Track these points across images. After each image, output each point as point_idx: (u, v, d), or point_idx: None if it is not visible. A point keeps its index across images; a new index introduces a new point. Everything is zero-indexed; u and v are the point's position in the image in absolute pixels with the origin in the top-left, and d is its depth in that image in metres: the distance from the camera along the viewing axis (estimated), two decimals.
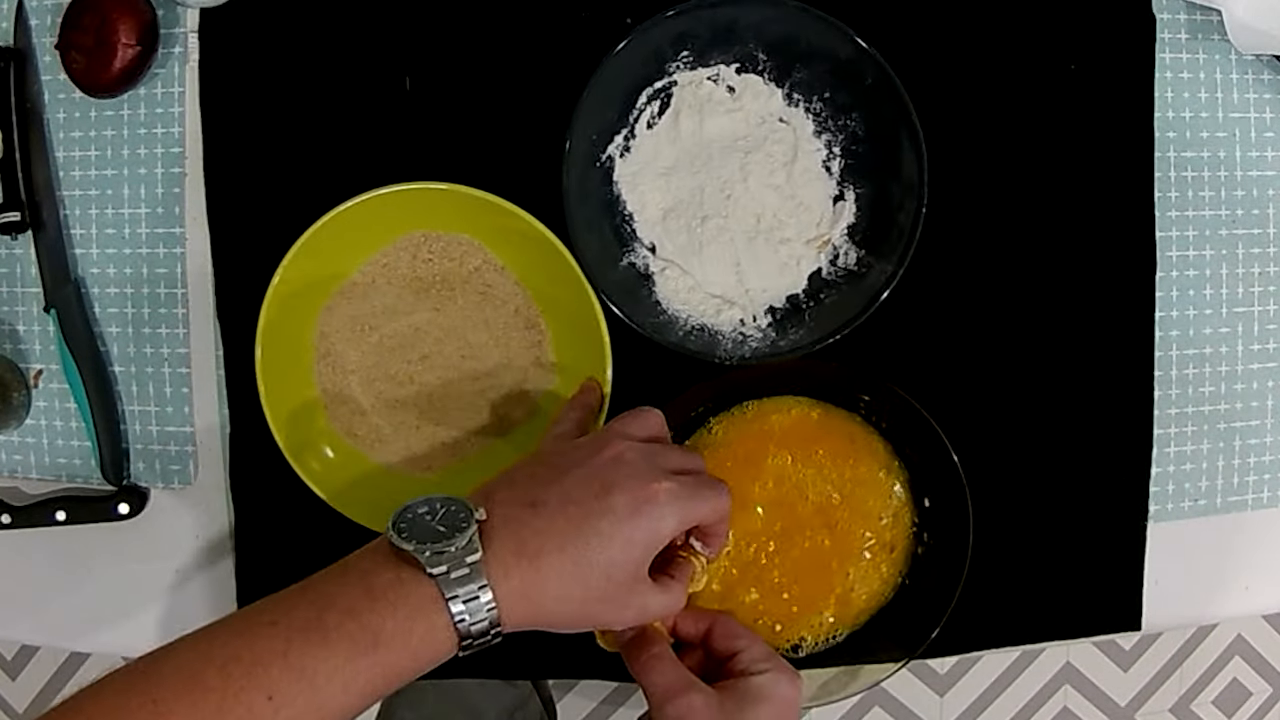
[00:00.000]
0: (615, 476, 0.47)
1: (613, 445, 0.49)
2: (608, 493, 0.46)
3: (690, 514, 0.48)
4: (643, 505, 0.47)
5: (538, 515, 0.46)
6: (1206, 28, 0.65)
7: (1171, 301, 0.65)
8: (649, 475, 0.47)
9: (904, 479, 0.62)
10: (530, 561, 0.45)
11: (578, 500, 0.46)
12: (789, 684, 0.51)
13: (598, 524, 0.46)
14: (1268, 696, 1.53)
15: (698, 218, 0.62)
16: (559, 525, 0.46)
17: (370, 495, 0.60)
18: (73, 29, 0.61)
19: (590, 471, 0.47)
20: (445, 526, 0.44)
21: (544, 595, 0.45)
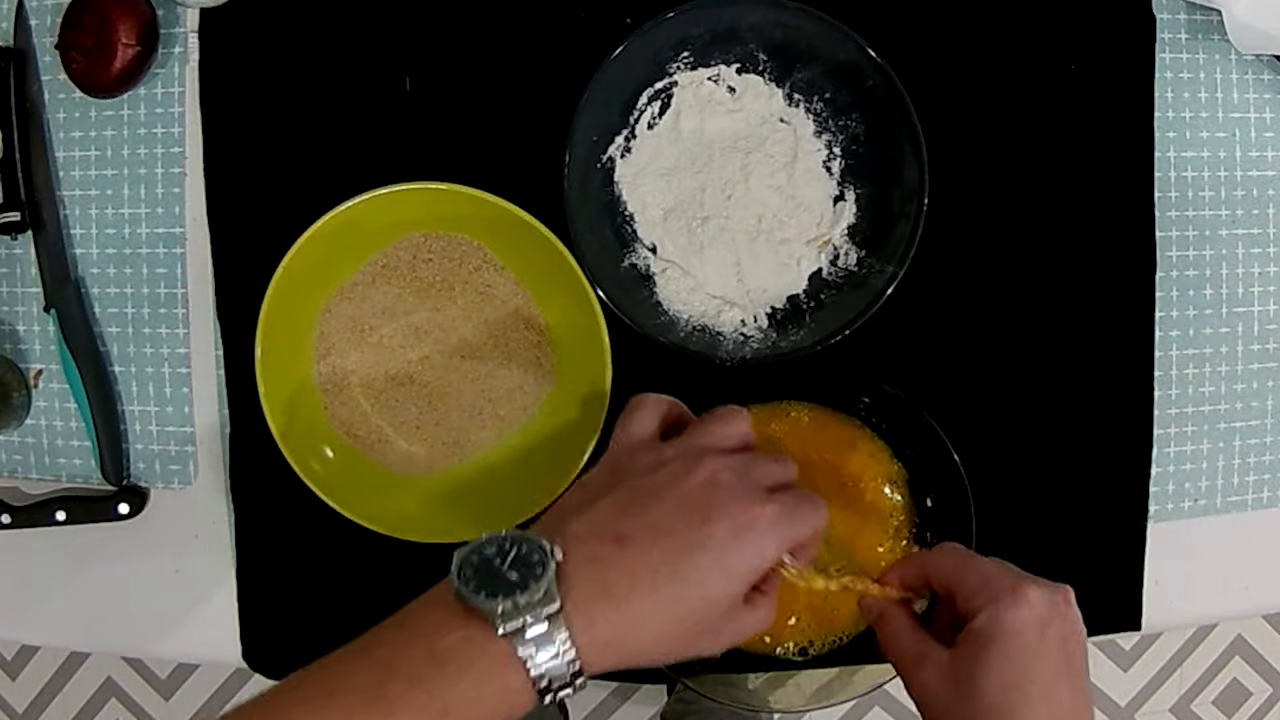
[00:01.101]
0: (713, 502, 0.42)
1: (706, 464, 0.44)
2: (706, 522, 0.42)
3: (793, 536, 0.44)
4: (744, 533, 0.42)
5: (625, 553, 0.41)
6: (1206, 28, 0.65)
7: (1171, 301, 0.65)
8: (750, 498, 0.43)
9: (905, 480, 0.62)
10: (618, 606, 0.40)
11: (671, 532, 0.41)
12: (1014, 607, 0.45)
13: (697, 558, 0.41)
14: (1268, 696, 1.53)
15: (698, 218, 0.62)
16: (651, 563, 0.41)
17: (370, 495, 0.60)
18: (73, 29, 0.61)
19: (684, 497, 0.42)
20: (518, 572, 0.39)
21: (634, 640, 0.41)
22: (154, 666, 1.49)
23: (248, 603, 0.65)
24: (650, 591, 0.40)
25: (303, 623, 0.65)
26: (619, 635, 0.40)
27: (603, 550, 0.41)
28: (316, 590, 0.64)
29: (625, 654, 0.41)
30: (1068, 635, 0.45)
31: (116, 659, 1.48)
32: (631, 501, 0.43)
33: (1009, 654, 0.44)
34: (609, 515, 0.42)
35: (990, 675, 0.44)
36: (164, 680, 1.49)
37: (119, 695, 1.49)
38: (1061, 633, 0.45)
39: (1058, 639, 0.45)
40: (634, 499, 0.43)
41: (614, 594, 0.40)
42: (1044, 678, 0.44)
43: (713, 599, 0.42)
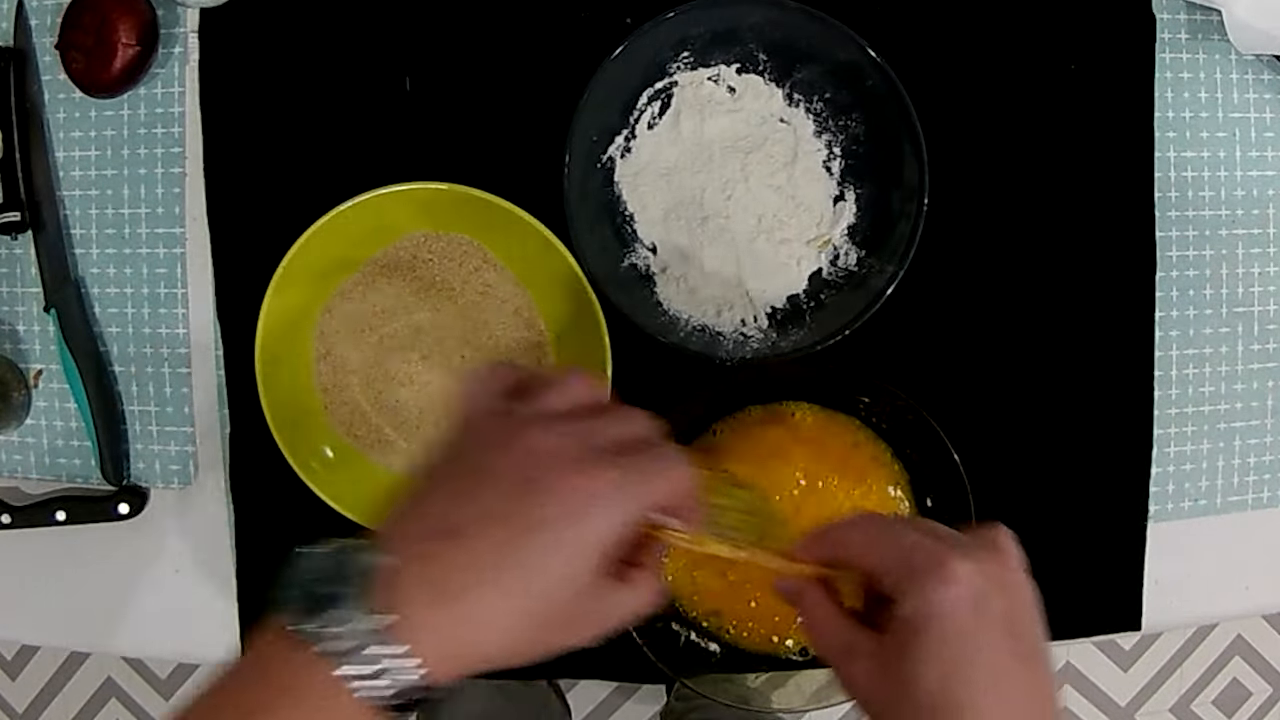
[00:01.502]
0: (542, 476, 0.37)
1: (529, 434, 0.39)
2: (537, 502, 0.37)
3: (643, 501, 0.39)
4: (580, 507, 0.37)
5: (457, 547, 0.37)
6: (1206, 28, 0.65)
7: (1171, 301, 0.65)
8: (584, 466, 0.38)
9: (905, 480, 0.62)
10: (453, 607, 0.36)
11: (502, 518, 0.37)
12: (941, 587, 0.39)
13: (532, 543, 0.37)
14: (1268, 696, 1.53)
15: (698, 218, 0.62)
16: (485, 555, 0.36)
17: (370, 495, 0.60)
18: (73, 29, 0.61)
19: (512, 476, 0.38)
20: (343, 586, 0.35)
21: (481, 642, 0.37)
22: (154, 666, 1.49)
23: (248, 603, 0.65)
24: (489, 586, 0.36)
25: None
26: (463, 639, 0.36)
27: (433, 547, 0.37)
28: None
29: (475, 658, 0.37)
30: (1011, 608, 0.41)
31: (116, 659, 1.48)
32: (461, 488, 0.38)
33: (942, 641, 0.39)
34: (440, 506, 0.38)
35: (924, 668, 0.39)
36: (164, 680, 1.49)
37: (119, 695, 1.49)
38: (1002, 607, 0.40)
39: (998, 616, 0.40)
40: (463, 485, 0.38)
41: (449, 595, 0.36)
42: (988, 663, 0.39)
43: (558, 586, 0.37)
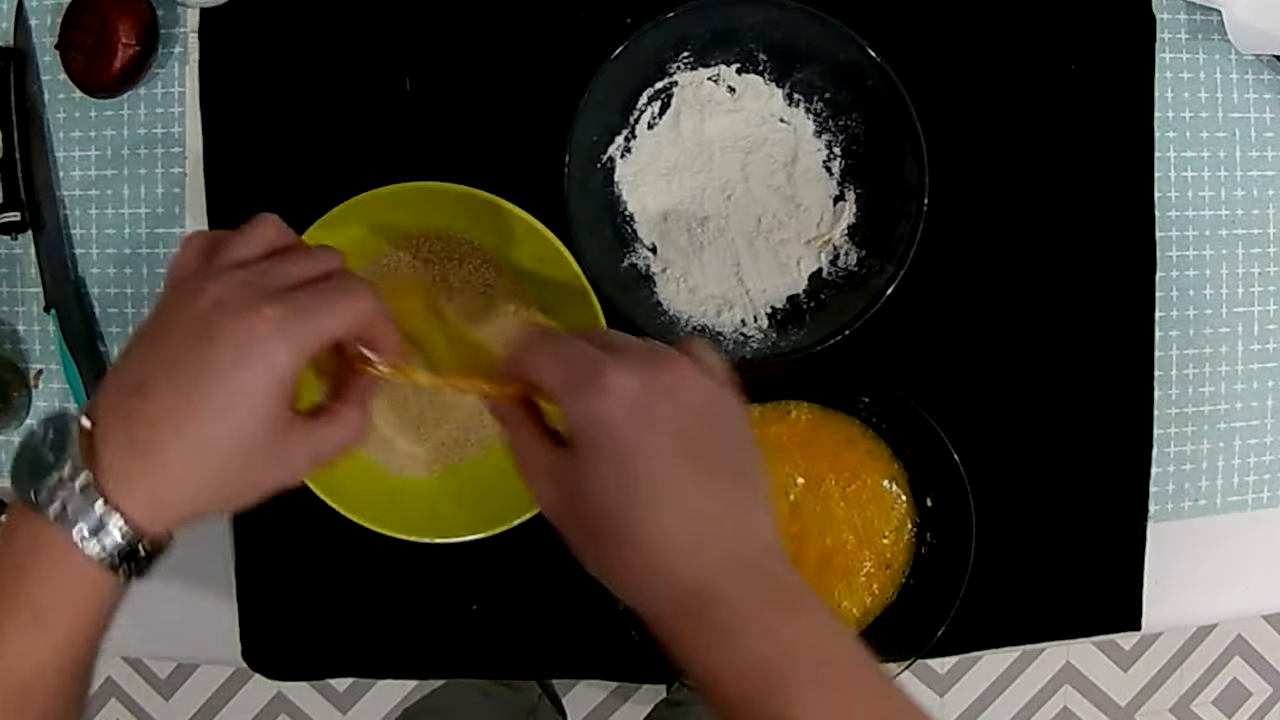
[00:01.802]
0: (214, 321, 0.38)
1: (211, 286, 0.39)
2: (208, 345, 0.37)
3: (312, 334, 0.39)
4: (247, 347, 0.37)
5: (146, 399, 0.37)
6: (1206, 28, 0.65)
7: (1171, 301, 0.65)
8: (249, 307, 0.38)
9: (905, 480, 0.62)
10: (148, 460, 0.37)
11: (179, 365, 0.37)
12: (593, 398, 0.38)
13: (206, 387, 0.37)
14: (1268, 696, 1.53)
15: (698, 218, 0.62)
16: (170, 403, 0.37)
17: (370, 495, 0.60)
18: (73, 29, 0.61)
19: (189, 324, 0.38)
20: (54, 452, 0.37)
21: (180, 491, 0.38)
22: (154, 666, 1.49)
23: (248, 603, 0.65)
24: (175, 436, 0.37)
25: (302, 623, 0.65)
26: (161, 491, 0.38)
27: (127, 402, 0.38)
28: (316, 590, 0.64)
29: (179, 508, 0.38)
30: (683, 417, 0.39)
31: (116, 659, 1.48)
32: (149, 344, 0.39)
33: (600, 456, 0.38)
34: (132, 363, 0.39)
35: (587, 483, 0.38)
36: (164, 680, 1.49)
37: (119, 695, 1.49)
38: (666, 413, 0.38)
39: (663, 423, 0.38)
40: (150, 341, 0.39)
41: (140, 448, 0.37)
42: (650, 477, 0.38)
43: (242, 426, 0.38)
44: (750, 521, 0.39)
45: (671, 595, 0.38)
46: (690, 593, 0.38)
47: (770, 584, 0.38)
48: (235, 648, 0.65)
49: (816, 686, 0.36)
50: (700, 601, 0.37)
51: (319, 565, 0.64)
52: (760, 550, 0.39)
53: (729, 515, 0.39)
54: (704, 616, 0.37)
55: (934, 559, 0.62)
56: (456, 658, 0.65)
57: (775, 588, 0.38)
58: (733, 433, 0.41)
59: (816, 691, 0.36)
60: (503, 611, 0.64)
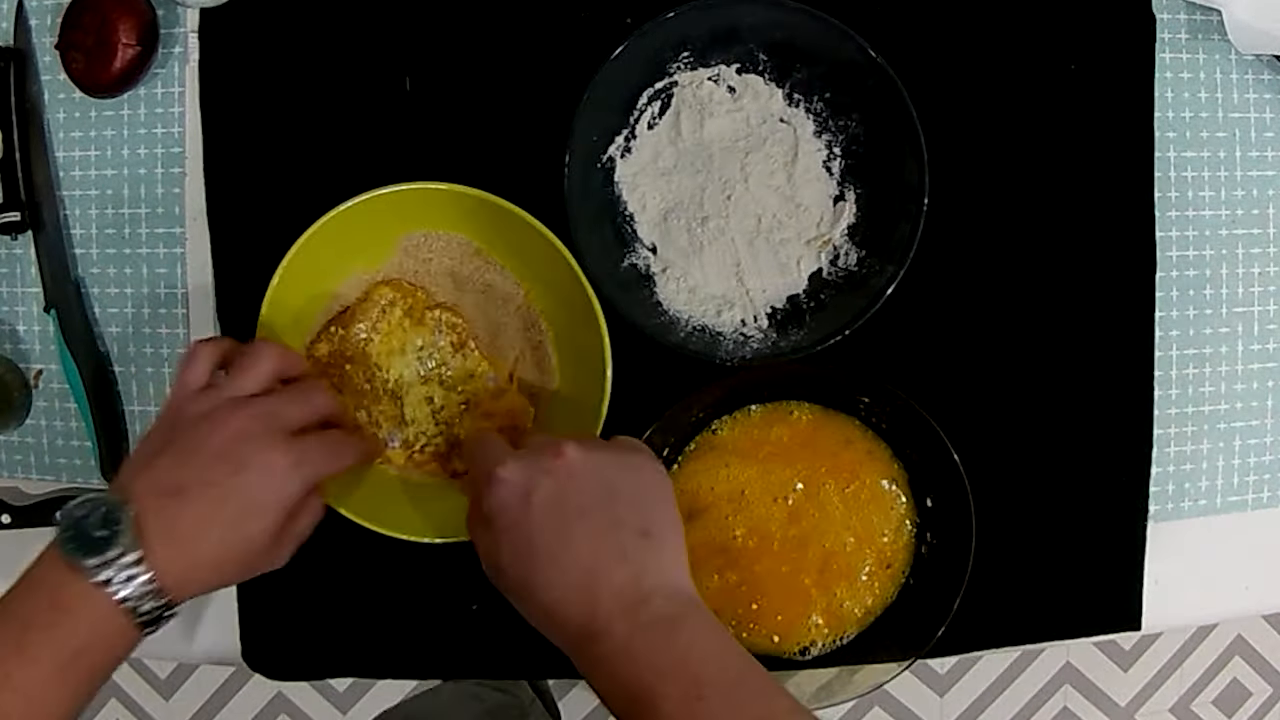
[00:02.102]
0: (242, 454, 0.51)
1: (234, 419, 0.51)
2: (238, 471, 0.50)
3: (316, 475, 0.53)
4: (268, 478, 0.51)
5: (183, 503, 0.49)
6: (1206, 28, 0.65)
7: (1171, 301, 0.65)
8: (271, 447, 0.51)
9: (905, 480, 0.62)
10: (184, 549, 0.49)
11: (214, 482, 0.50)
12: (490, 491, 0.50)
13: (236, 502, 0.50)
14: (1268, 696, 1.53)
15: (698, 218, 0.62)
16: (203, 511, 0.50)
17: (370, 496, 0.60)
18: (73, 29, 0.61)
19: (219, 450, 0.51)
20: (104, 530, 0.48)
21: (204, 573, 0.50)
22: (154, 666, 1.49)
23: (248, 603, 0.65)
24: (205, 534, 0.50)
25: (303, 623, 0.65)
26: (189, 572, 0.49)
27: (165, 503, 0.49)
28: (316, 590, 0.64)
29: (197, 585, 0.50)
30: (561, 489, 0.48)
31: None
32: (181, 457, 0.51)
33: (503, 532, 0.49)
34: (167, 469, 0.50)
35: (499, 554, 0.49)
36: (164, 680, 1.49)
37: (119, 695, 1.49)
38: (551, 492, 0.48)
39: (548, 501, 0.48)
40: (183, 454, 0.51)
41: (179, 540, 0.49)
42: (542, 544, 0.48)
43: (255, 533, 0.51)
44: (639, 568, 0.47)
45: (565, 635, 0.48)
46: (578, 632, 0.47)
47: (651, 617, 0.46)
48: (235, 648, 0.65)
49: (683, 700, 0.44)
50: (586, 638, 0.46)
51: (319, 565, 0.64)
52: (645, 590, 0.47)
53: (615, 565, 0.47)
54: (588, 650, 0.46)
55: (934, 559, 0.62)
56: (456, 658, 0.65)
57: (655, 620, 0.46)
58: (624, 495, 0.49)
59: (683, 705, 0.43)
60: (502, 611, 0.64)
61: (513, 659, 0.65)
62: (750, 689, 0.45)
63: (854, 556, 0.62)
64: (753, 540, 0.61)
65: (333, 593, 0.64)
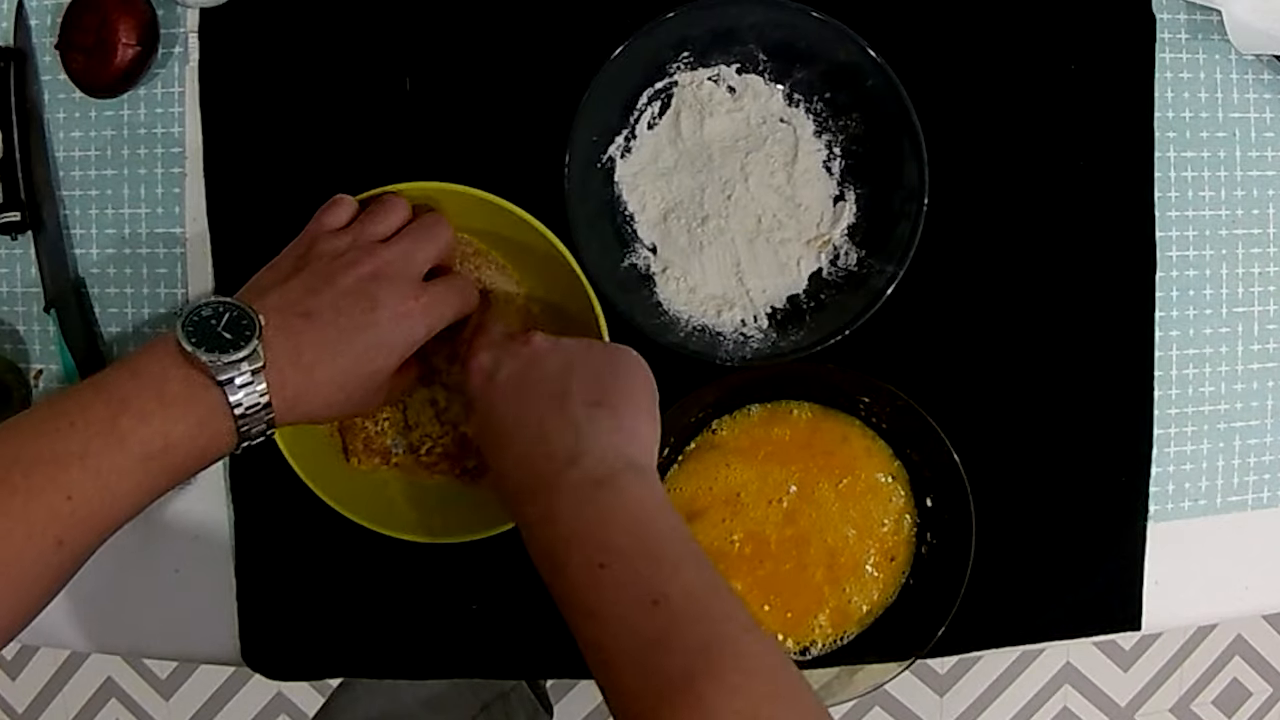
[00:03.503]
0: (378, 292, 0.51)
1: (375, 257, 0.52)
2: (373, 308, 0.50)
3: (441, 320, 0.54)
4: (402, 320, 0.51)
5: (312, 327, 0.49)
6: (1206, 28, 0.65)
7: (1171, 301, 0.66)
8: (407, 290, 0.52)
9: (905, 480, 0.62)
10: (306, 372, 0.49)
11: (347, 313, 0.50)
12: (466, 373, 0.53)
13: (365, 336, 0.50)
14: (1268, 696, 1.53)
15: (698, 218, 0.62)
16: (331, 337, 0.49)
17: (371, 495, 0.60)
18: (73, 29, 0.61)
19: (356, 285, 0.51)
20: (230, 333, 0.47)
21: (315, 400, 0.50)
22: (154, 666, 1.49)
23: (247, 603, 0.65)
24: (330, 361, 0.49)
25: (302, 622, 0.65)
26: (302, 395, 0.49)
27: (294, 322, 0.49)
28: (316, 590, 0.64)
29: (306, 411, 0.50)
30: (523, 369, 0.51)
31: (116, 659, 1.48)
32: (316, 284, 0.50)
33: (476, 411, 0.52)
34: (298, 293, 0.50)
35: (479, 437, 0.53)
36: (164, 680, 1.49)
37: (119, 695, 1.49)
38: (513, 372, 0.51)
39: (510, 380, 0.51)
40: (318, 281, 0.51)
41: (303, 361, 0.49)
42: (498, 422, 0.50)
43: (375, 372, 0.51)
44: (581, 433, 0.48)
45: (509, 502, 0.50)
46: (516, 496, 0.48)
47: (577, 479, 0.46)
48: (235, 648, 0.65)
49: (587, 567, 0.43)
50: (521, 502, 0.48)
51: (319, 565, 0.64)
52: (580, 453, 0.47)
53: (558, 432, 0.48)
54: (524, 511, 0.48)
55: (934, 559, 0.62)
56: (456, 658, 0.65)
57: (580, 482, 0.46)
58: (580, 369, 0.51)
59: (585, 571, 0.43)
60: (502, 611, 0.64)
61: (513, 659, 0.65)
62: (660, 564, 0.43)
63: (857, 548, 0.62)
64: (749, 547, 0.62)
65: (333, 593, 0.64)
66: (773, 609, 0.62)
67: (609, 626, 0.42)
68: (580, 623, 0.43)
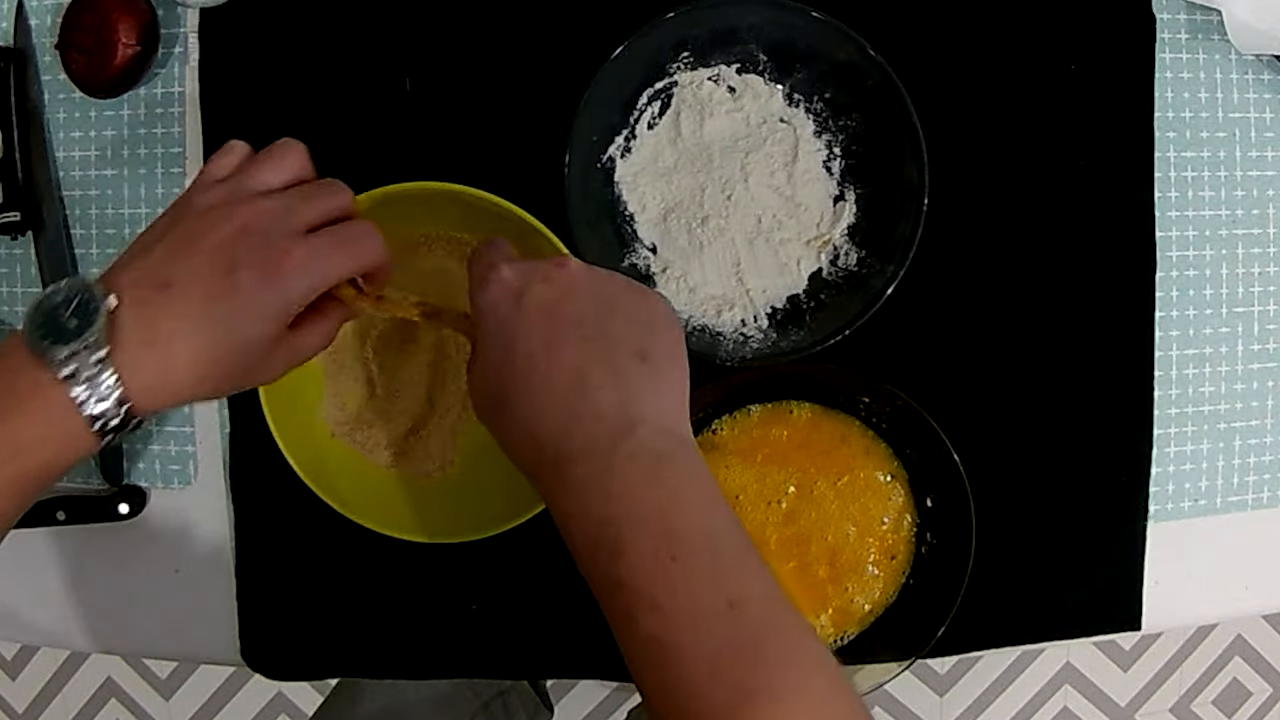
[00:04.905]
0: (241, 251, 0.44)
1: (243, 210, 0.45)
2: (234, 269, 0.44)
3: (325, 276, 0.46)
4: (270, 279, 0.44)
5: (169, 298, 0.43)
6: (1206, 28, 0.65)
7: (1171, 301, 0.66)
8: (278, 243, 0.44)
9: (905, 480, 0.62)
10: (162, 351, 0.43)
11: (205, 278, 0.44)
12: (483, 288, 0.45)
13: (227, 304, 0.44)
14: (1268, 696, 1.53)
15: (698, 218, 0.62)
16: (190, 309, 0.43)
17: (370, 495, 0.60)
18: (73, 29, 0.61)
19: (218, 245, 0.44)
20: (77, 319, 0.42)
21: (181, 382, 0.44)
22: (154, 666, 1.49)
23: (247, 603, 0.65)
24: (187, 337, 0.43)
25: (302, 622, 0.65)
26: (162, 378, 0.43)
27: (150, 295, 0.43)
28: (316, 590, 0.64)
29: (171, 395, 0.44)
30: (558, 296, 0.44)
31: (116, 659, 1.48)
32: (178, 247, 0.44)
33: (490, 336, 0.44)
34: (159, 261, 0.44)
35: (483, 358, 0.45)
36: (164, 680, 1.49)
37: (119, 695, 1.49)
38: (546, 296, 0.44)
39: (541, 304, 0.44)
40: (180, 245, 0.45)
41: (158, 340, 0.43)
42: (530, 348, 0.43)
43: (246, 342, 0.44)
44: (631, 392, 0.42)
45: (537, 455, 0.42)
46: (553, 451, 0.42)
47: (635, 448, 0.41)
48: (235, 648, 0.65)
49: (654, 556, 0.39)
50: (560, 459, 0.41)
51: (319, 565, 0.64)
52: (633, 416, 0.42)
53: (604, 382, 0.42)
54: (560, 473, 0.41)
55: (934, 559, 0.62)
56: (456, 658, 0.65)
57: (639, 452, 0.41)
58: (624, 312, 0.44)
59: (652, 561, 0.38)
60: (503, 611, 0.64)
61: (513, 659, 0.65)
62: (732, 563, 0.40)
63: (857, 546, 0.62)
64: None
65: (332, 593, 0.64)
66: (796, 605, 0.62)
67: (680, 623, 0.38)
68: (642, 615, 0.38)
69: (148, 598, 0.66)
